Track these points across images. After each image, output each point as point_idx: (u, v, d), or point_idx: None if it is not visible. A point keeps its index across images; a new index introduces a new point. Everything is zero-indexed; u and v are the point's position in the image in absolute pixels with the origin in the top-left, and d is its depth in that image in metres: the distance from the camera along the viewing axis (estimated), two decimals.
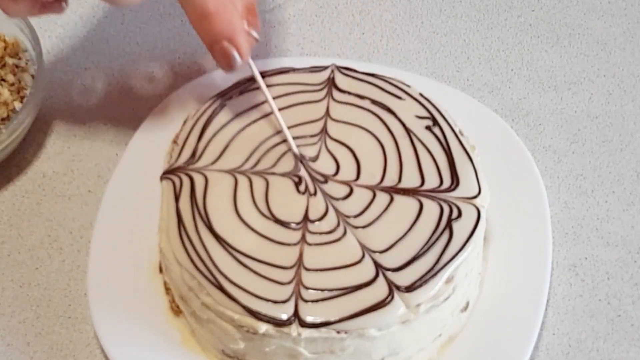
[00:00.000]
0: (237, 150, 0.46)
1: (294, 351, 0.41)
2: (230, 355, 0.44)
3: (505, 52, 0.60)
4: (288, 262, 0.41)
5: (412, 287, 0.40)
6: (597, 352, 0.47)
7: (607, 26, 0.61)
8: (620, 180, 0.54)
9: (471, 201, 0.43)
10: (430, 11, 0.62)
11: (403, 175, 0.45)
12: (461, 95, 0.55)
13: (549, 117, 0.57)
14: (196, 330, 0.45)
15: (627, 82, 0.58)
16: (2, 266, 0.51)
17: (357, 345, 0.41)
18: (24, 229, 0.53)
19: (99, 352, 0.48)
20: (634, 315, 0.49)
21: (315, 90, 0.48)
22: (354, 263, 0.41)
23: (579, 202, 0.53)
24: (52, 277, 0.51)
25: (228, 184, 0.44)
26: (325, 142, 0.46)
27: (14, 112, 0.54)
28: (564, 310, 0.49)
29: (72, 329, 0.49)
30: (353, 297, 0.40)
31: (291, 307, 0.40)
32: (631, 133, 0.56)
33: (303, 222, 0.43)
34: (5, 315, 0.49)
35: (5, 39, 0.57)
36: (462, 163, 0.45)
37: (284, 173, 0.45)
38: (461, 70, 0.59)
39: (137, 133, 0.53)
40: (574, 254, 0.51)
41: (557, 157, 0.55)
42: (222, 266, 0.41)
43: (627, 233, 0.52)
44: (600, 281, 0.50)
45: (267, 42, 0.60)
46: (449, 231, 0.42)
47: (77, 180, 0.55)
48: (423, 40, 0.61)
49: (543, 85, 0.58)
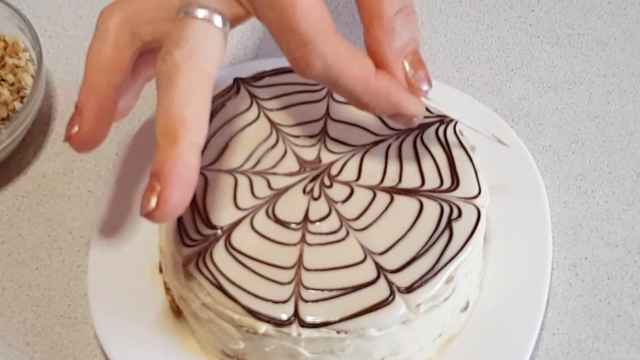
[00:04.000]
0: (237, 150, 0.46)
1: (294, 351, 0.41)
2: (230, 355, 0.44)
3: (505, 52, 0.60)
4: (288, 262, 0.41)
5: (412, 287, 0.40)
6: (597, 352, 0.47)
7: (607, 26, 0.61)
8: (620, 180, 0.54)
9: (471, 201, 0.43)
10: (430, 11, 0.62)
11: (403, 175, 0.45)
12: (461, 95, 0.55)
13: (549, 117, 0.57)
14: (196, 330, 0.45)
15: (627, 82, 0.58)
16: (2, 266, 0.51)
17: (357, 345, 0.41)
18: (24, 229, 0.53)
19: (99, 352, 0.48)
20: (634, 315, 0.49)
21: (315, 90, 0.48)
22: (354, 264, 0.41)
23: (579, 202, 0.53)
24: (52, 277, 0.51)
25: (228, 184, 0.44)
26: (325, 142, 0.46)
27: (14, 112, 0.54)
28: (564, 310, 0.49)
29: (72, 329, 0.49)
30: (353, 297, 0.40)
31: (291, 307, 0.40)
32: (631, 133, 0.56)
33: (303, 222, 0.43)
34: (5, 315, 0.49)
35: (5, 39, 0.57)
36: (462, 163, 0.45)
37: (287, 173, 0.45)
38: (461, 70, 0.59)
39: (137, 133, 0.53)
40: (574, 254, 0.51)
41: (557, 157, 0.55)
42: (222, 266, 0.41)
43: (627, 233, 0.52)
44: (600, 281, 0.50)
45: (267, 42, 0.60)
46: (449, 231, 0.42)
47: (77, 180, 0.55)
48: (423, 40, 0.61)
49: (543, 85, 0.58)
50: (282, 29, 0.37)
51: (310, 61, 0.37)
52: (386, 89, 0.39)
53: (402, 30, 0.39)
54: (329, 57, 0.37)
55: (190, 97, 0.36)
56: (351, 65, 0.38)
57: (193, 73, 0.37)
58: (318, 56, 0.37)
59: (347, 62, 0.38)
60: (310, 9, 0.36)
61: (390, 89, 0.39)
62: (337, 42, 0.37)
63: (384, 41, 0.39)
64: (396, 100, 0.39)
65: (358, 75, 0.38)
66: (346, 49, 0.38)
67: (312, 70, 0.37)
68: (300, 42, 0.36)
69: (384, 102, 0.39)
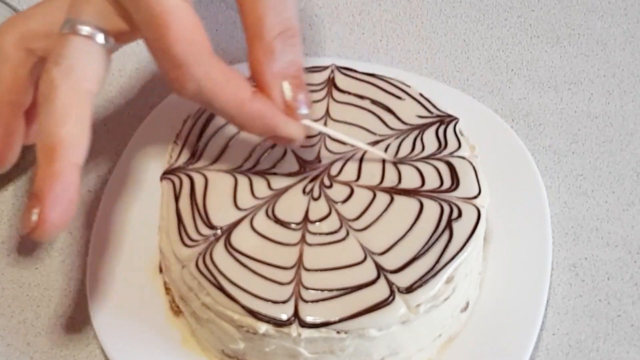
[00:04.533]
0: (237, 150, 0.46)
1: (294, 351, 0.41)
2: (230, 355, 0.44)
3: (505, 52, 0.60)
4: (288, 263, 0.41)
5: (412, 287, 0.40)
6: (597, 352, 0.47)
7: (607, 26, 0.61)
8: (620, 180, 0.54)
9: (471, 201, 0.43)
10: (430, 11, 0.62)
11: (403, 175, 0.45)
12: (461, 95, 0.55)
13: (549, 117, 0.57)
14: (196, 330, 0.45)
15: (627, 82, 0.58)
16: (2, 266, 0.51)
17: (357, 345, 0.41)
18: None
19: (99, 352, 0.48)
20: (634, 315, 0.49)
21: (315, 90, 0.48)
22: (354, 264, 0.41)
23: (579, 202, 0.53)
24: (52, 277, 0.51)
25: (228, 184, 0.44)
26: (325, 142, 0.46)
27: None
28: (564, 310, 0.49)
29: (72, 329, 0.49)
30: (353, 297, 0.40)
31: (291, 307, 0.40)
32: (631, 133, 0.56)
33: (303, 222, 0.43)
34: (5, 315, 0.49)
35: None
36: (462, 163, 0.45)
37: (287, 173, 0.45)
38: (461, 70, 0.59)
39: (137, 133, 0.53)
40: (574, 254, 0.51)
41: (557, 157, 0.55)
42: (222, 266, 0.41)
43: (627, 233, 0.52)
44: (600, 281, 0.50)
45: None
46: (449, 231, 0.42)
47: None
48: (423, 40, 0.61)
49: (543, 85, 0.58)
50: (157, 50, 0.37)
51: (184, 83, 0.37)
52: (260, 112, 0.39)
53: (282, 52, 0.39)
54: (202, 80, 0.37)
55: (67, 115, 0.36)
56: (224, 88, 0.38)
57: (70, 92, 0.37)
58: (191, 79, 0.37)
59: (221, 85, 0.38)
60: (184, 31, 0.36)
61: (265, 112, 0.39)
62: (210, 64, 0.37)
63: (263, 63, 0.39)
64: (271, 124, 0.39)
65: (231, 98, 0.38)
66: (221, 71, 0.38)
67: (186, 93, 0.38)
68: (174, 63, 0.37)
69: (259, 124, 0.39)
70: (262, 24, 0.39)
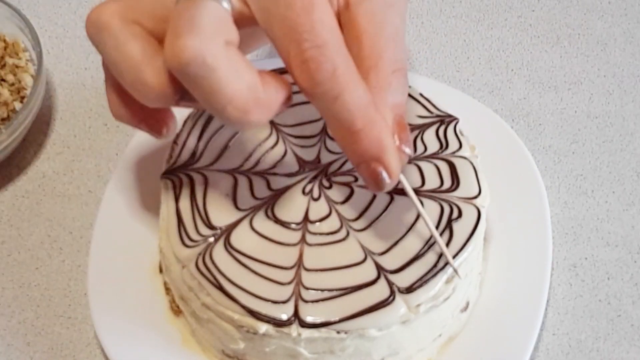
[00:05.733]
0: (237, 150, 0.46)
1: (294, 351, 0.41)
2: (230, 355, 0.44)
3: (505, 52, 0.60)
4: (288, 263, 0.41)
5: (412, 287, 0.40)
6: (597, 352, 0.47)
7: (607, 26, 0.61)
8: (620, 180, 0.54)
9: (471, 201, 0.43)
10: (430, 11, 0.62)
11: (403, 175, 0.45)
12: (461, 95, 0.55)
13: (549, 117, 0.57)
14: (196, 330, 0.45)
15: (627, 82, 0.58)
16: (2, 266, 0.51)
17: (357, 345, 0.41)
18: (24, 229, 0.53)
19: (99, 352, 0.48)
20: (634, 315, 0.49)
21: None
22: (354, 264, 0.41)
23: (579, 202, 0.53)
24: (52, 277, 0.51)
25: (228, 184, 0.44)
26: (325, 142, 0.46)
27: (14, 112, 0.54)
28: (564, 310, 0.49)
29: (72, 329, 0.49)
30: (353, 297, 0.40)
31: (291, 307, 0.40)
32: (631, 133, 0.56)
33: (303, 222, 0.43)
34: (5, 315, 0.49)
35: (5, 39, 0.57)
36: (462, 163, 0.45)
37: (287, 174, 0.45)
38: (461, 70, 0.59)
39: (137, 133, 0.53)
40: (574, 254, 0.51)
41: (557, 157, 0.55)
42: (222, 266, 0.41)
43: (627, 233, 0.52)
44: (600, 281, 0.50)
45: None
46: (449, 231, 0.42)
47: (77, 180, 0.55)
48: (423, 40, 0.61)
49: (543, 85, 0.58)
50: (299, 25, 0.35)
51: (321, 63, 0.35)
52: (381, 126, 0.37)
53: (396, 89, 0.38)
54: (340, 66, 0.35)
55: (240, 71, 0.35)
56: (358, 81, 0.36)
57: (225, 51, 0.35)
58: (329, 60, 0.35)
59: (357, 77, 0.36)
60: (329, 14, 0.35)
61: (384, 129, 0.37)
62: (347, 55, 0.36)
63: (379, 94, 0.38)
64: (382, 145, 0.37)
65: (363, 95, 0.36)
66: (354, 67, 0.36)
67: (319, 74, 0.35)
68: (315, 42, 0.35)
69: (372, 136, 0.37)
70: (381, 57, 0.38)
